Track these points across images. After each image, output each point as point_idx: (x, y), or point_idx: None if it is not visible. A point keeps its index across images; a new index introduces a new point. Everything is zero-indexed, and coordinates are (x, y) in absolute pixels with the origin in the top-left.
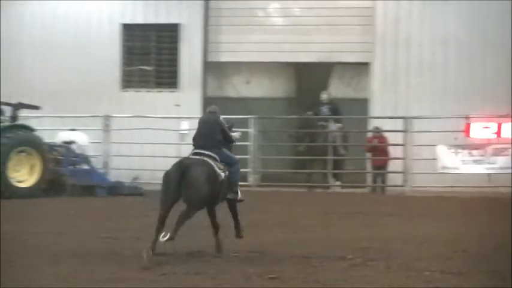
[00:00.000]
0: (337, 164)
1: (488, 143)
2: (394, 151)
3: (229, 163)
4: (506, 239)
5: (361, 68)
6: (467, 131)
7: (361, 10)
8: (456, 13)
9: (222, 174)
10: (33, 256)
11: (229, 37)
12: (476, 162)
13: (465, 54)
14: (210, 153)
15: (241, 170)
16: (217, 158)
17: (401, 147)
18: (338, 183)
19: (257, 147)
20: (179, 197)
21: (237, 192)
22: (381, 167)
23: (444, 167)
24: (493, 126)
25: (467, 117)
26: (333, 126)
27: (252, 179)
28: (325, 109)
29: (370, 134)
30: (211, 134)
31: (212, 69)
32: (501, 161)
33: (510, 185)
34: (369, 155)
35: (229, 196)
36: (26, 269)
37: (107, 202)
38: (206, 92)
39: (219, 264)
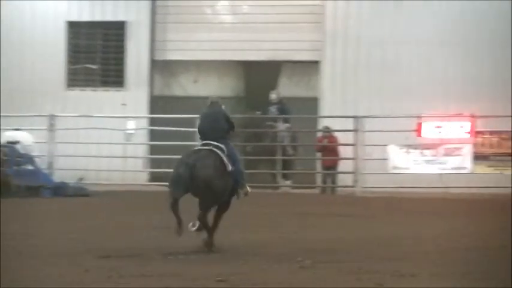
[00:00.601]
0: (286, 164)
1: (440, 142)
2: (344, 151)
3: (233, 157)
4: (457, 239)
5: (311, 66)
6: (418, 130)
7: (310, 8)
8: (407, 11)
9: (230, 166)
10: None
11: (176, 35)
12: (427, 162)
13: (416, 53)
14: (218, 144)
15: None
16: (224, 149)
17: (351, 147)
18: (288, 182)
19: None
20: (188, 190)
21: (245, 186)
22: (331, 167)
23: (395, 167)
24: (445, 125)
25: (418, 117)
26: (282, 126)
27: None
28: (273, 109)
29: (320, 134)
30: (218, 126)
31: (159, 67)
32: (453, 161)
33: (461, 185)
34: (318, 155)
35: (240, 192)
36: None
37: (54, 203)
38: (153, 91)
39: (166, 266)
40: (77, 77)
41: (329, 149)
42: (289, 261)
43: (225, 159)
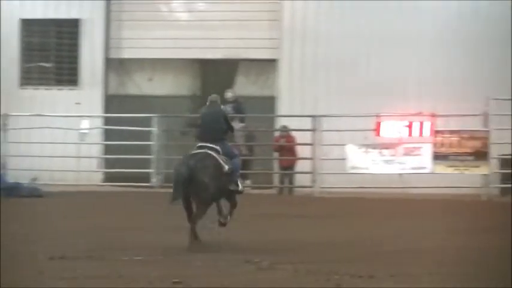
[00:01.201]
0: (243, 164)
1: (399, 142)
2: (302, 151)
3: (230, 155)
4: (417, 240)
5: (269, 64)
6: (377, 130)
7: (267, 5)
8: (365, 8)
9: (226, 167)
10: None
11: (131, 33)
12: (386, 162)
13: (376, 51)
14: (213, 146)
15: (144, 170)
16: (220, 150)
17: (309, 146)
18: (248, 182)
19: (160, 147)
20: (190, 193)
21: (238, 184)
22: (288, 167)
23: (354, 167)
24: (405, 124)
25: (377, 116)
26: (236, 126)
27: (155, 180)
28: (229, 108)
29: (277, 133)
30: (216, 126)
31: (114, 66)
32: (412, 161)
33: (421, 186)
34: (276, 154)
35: (231, 187)
36: None
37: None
38: (107, 90)
39: (122, 267)
40: (31, 76)
41: (286, 149)
42: (247, 263)
43: (220, 160)
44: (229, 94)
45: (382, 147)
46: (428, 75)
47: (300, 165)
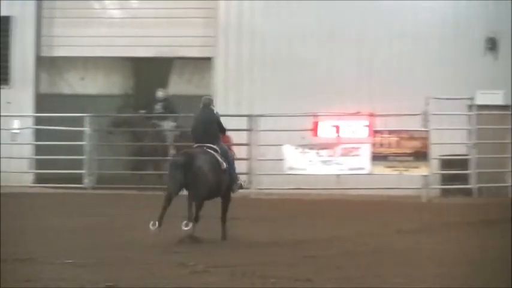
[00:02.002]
0: None
1: (337, 142)
2: (238, 151)
3: (226, 155)
4: (353, 241)
5: (204, 63)
6: (315, 130)
7: (202, 2)
8: (302, 6)
9: (224, 164)
10: None
11: (63, 31)
12: (324, 162)
13: (312, 49)
14: (211, 146)
15: (76, 171)
16: (218, 150)
17: (245, 147)
18: None
19: (92, 147)
20: (184, 185)
21: (237, 181)
22: None
23: (291, 168)
24: (343, 124)
25: (315, 116)
26: (166, 125)
27: (87, 181)
28: (159, 107)
29: None
30: (210, 128)
31: (45, 64)
32: (350, 162)
33: (360, 187)
34: None
35: (234, 187)
36: None
37: None
38: (39, 89)
39: (52, 270)
40: None
41: None
42: (181, 266)
43: (219, 158)
44: (159, 93)
45: (319, 147)
46: (366, 74)
47: (236, 166)
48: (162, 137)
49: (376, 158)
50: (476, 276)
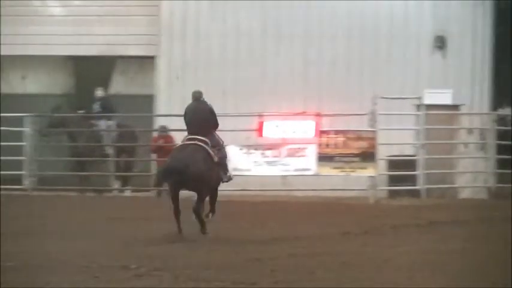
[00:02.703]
0: (120, 166)
1: (283, 143)
2: None
3: (217, 146)
4: (299, 244)
5: (147, 62)
6: (260, 130)
7: (145, 0)
8: (248, 4)
9: (216, 157)
10: None
11: (3, 29)
12: (269, 163)
13: (258, 49)
14: (203, 138)
15: (16, 172)
16: (209, 142)
17: None
18: (117, 185)
19: (33, 148)
20: (183, 184)
21: (227, 173)
22: None
23: (235, 169)
24: (288, 124)
25: (260, 115)
26: (103, 125)
27: (27, 183)
28: (97, 106)
29: (155, 134)
30: (203, 120)
31: None
32: (296, 162)
33: (306, 188)
34: (154, 156)
35: (225, 180)
36: None
37: None
38: None
39: None
40: None
41: (165, 150)
42: (123, 269)
43: (211, 151)
44: (98, 92)
45: (264, 148)
46: (313, 73)
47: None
48: (99, 137)
49: (323, 158)
50: (423, 280)
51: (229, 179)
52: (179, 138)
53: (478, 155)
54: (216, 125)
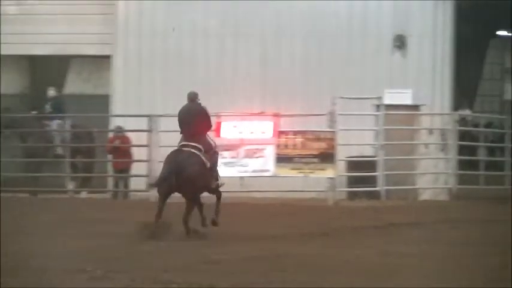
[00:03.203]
0: (77, 167)
1: (241, 143)
2: (138, 153)
3: (210, 151)
4: (258, 247)
5: (102, 61)
6: (217, 130)
7: None
8: (206, 4)
9: (208, 163)
10: None
11: None
12: (227, 164)
13: (216, 48)
14: (195, 145)
15: None
16: (202, 149)
17: (145, 148)
18: (72, 186)
19: None
20: (175, 189)
21: (218, 179)
22: (123, 170)
23: None
24: (246, 125)
25: (217, 116)
26: (54, 125)
27: None
28: (48, 106)
29: (111, 134)
30: (196, 121)
31: None
32: (254, 164)
33: (264, 189)
34: (110, 157)
35: (213, 186)
36: None
37: None
38: None
39: None
40: None
41: (121, 151)
42: (79, 272)
43: (203, 158)
44: (50, 92)
45: (222, 148)
46: (271, 73)
47: (136, 168)
48: (50, 137)
49: (281, 159)
50: (382, 282)
51: (219, 185)
52: (135, 138)
53: (438, 155)
54: (209, 126)
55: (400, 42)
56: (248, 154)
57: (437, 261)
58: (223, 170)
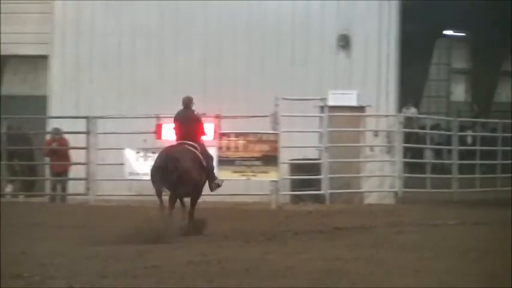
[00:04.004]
0: (15, 170)
1: None
2: (76, 155)
3: (206, 155)
4: (201, 251)
5: (39, 61)
6: (158, 132)
7: None
8: (146, 4)
9: (204, 162)
10: None
11: None
12: None
13: (157, 49)
14: (192, 143)
15: None
16: (197, 147)
17: (84, 150)
18: (10, 189)
19: None
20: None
21: (215, 179)
22: (61, 173)
23: (132, 173)
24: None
25: (158, 117)
26: None
27: None
28: None
29: (49, 136)
30: (191, 128)
31: None
32: None
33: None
34: (47, 159)
35: (213, 186)
36: None
37: None
38: None
39: None
40: None
41: (59, 153)
42: (16, 278)
43: (199, 155)
44: None
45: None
46: (213, 74)
47: (74, 171)
48: None
49: (223, 162)
50: None
51: (218, 186)
52: (73, 141)
53: (384, 158)
54: (203, 132)
55: (344, 42)
56: None
57: (383, 266)
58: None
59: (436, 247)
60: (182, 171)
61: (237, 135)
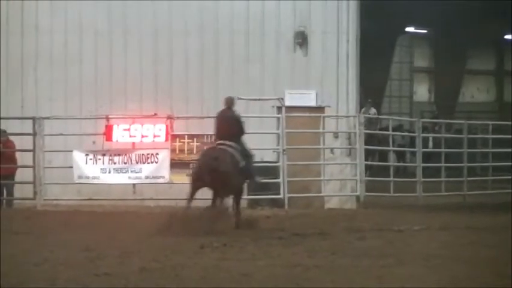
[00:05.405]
0: None
1: (133, 148)
2: (22, 158)
3: (246, 154)
4: (155, 257)
5: None
6: (107, 134)
7: None
8: (92, 1)
9: (242, 162)
10: None
11: None
12: (118, 170)
13: (105, 47)
14: (230, 143)
15: None
16: (237, 148)
17: (30, 153)
18: None
19: None
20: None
21: (255, 177)
22: (6, 176)
23: (81, 177)
24: (138, 128)
25: (107, 118)
26: None
27: None
28: None
29: None
30: (231, 128)
31: None
32: (147, 169)
33: (158, 197)
34: None
35: (251, 184)
36: None
37: None
38: None
39: None
40: None
41: (4, 156)
42: None
43: (237, 156)
44: None
45: (113, 153)
46: (164, 73)
47: (20, 174)
48: None
49: (176, 165)
50: None
51: (256, 183)
52: (19, 143)
53: (345, 161)
54: (242, 132)
55: (301, 39)
56: (141, 159)
57: (345, 273)
58: (115, 177)
59: (399, 253)
60: (222, 172)
61: (191, 137)
